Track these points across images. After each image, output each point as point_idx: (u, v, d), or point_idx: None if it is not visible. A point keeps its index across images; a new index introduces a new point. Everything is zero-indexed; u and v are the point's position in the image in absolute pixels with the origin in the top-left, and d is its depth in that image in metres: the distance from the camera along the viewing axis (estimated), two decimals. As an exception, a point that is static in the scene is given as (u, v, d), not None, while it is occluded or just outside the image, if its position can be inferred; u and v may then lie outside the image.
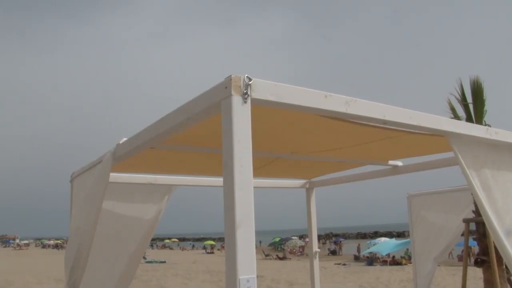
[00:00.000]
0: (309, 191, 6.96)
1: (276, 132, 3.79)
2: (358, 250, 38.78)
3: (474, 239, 7.45)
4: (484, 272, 6.96)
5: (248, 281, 1.84)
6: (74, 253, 5.08)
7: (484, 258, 6.83)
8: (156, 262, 34.85)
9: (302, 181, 6.86)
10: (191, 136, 3.50)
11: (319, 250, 7.27)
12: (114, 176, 5.43)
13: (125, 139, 3.71)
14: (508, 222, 4.34)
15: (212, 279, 21.51)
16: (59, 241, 74.88)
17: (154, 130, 2.93)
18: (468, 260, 8.25)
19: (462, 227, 8.01)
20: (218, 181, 6.15)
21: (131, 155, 3.71)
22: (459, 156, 3.77)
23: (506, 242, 4.28)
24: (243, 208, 1.89)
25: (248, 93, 2.08)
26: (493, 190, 4.17)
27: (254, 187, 2.00)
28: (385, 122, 2.79)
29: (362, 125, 2.93)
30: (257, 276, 2.19)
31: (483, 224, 6.95)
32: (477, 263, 7.08)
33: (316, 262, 7.17)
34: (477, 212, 7.29)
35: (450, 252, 27.03)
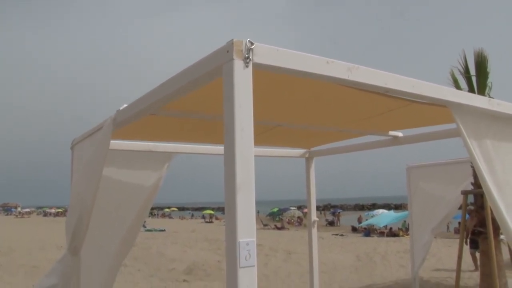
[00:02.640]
0: (308, 160, 6.97)
1: (276, 100, 3.77)
2: (360, 221, 39.15)
3: (471, 211, 7.52)
4: (481, 243, 7.05)
5: (247, 244, 1.85)
6: (75, 219, 5.12)
7: (482, 229, 6.91)
8: (155, 230, 35.25)
9: (302, 151, 6.87)
10: (192, 102, 3.48)
11: (317, 219, 7.33)
12: (115, 144, 5.43)
13: (125, 105, 3.69)
14: (508, 194, 4.37)
15: (211, 247, 21.81)
16: (60, 210, 75.48)
17: (155, 95, 2.91)
18: (466, 238, 8.36)
19: (460, 199, 8.07)
20: (219, 149, 6.16)
21: (131, 121, 3.69)
22: (461, 126, 3.75)
23: (505, 214, 4.31)
24: (244, 172, 1.88)
25: (250, 57, 2.05)
26: (494, 162, 4.17)
27: (254, 156, 1.99)
28: (387, 90, 2.76)
29: (363, 91, 2.90)
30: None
31: (481, 196, 7.02)
32: (474, 235, 7.16)
33: (314, 231, 7.24)
34: (475, 184, 7.34)
35: (447, 225, 27.32)
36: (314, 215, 7.25)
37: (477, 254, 12.24)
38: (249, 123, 2.00)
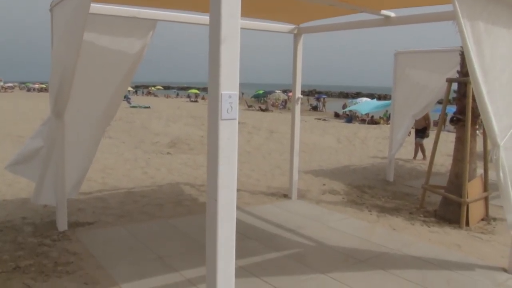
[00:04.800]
0: (297, 37, 6.82)
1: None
2: (344, 108, 39.63)
3: (453, 98, 7.60)
4: (458, 130, 7.22)
5: (230, 97, 1.84)
6: (57, 82, 5.06)
7: (460, 117, 7.04)
8: (140, 107, 35.43)
9: (290, 26, 6.68)
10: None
11: (301, 96, 7.39)
12: (96, 8, 5.20)
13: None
14: (492, 79, 4.39)
15: (195, 123, 22.18)
16: (44, 86, 74.25)
17: None
18: (443, 126, 8.54)
19: (444, 88, 8.13)
20: (204, 19, 5.95)
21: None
22: (457, 4, 3.64)
23: (486, 99, 4.37)
24: (229, 24, 1.81)
25: None
26: (484, 45, 4.12)
27: (242, 28, 1.90)
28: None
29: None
30: (239, 123, 2.19)
31: (465, 84, 7.06)
32: (453, 121, 7.31)
33: (298, 107, 7.34)
34: (461, 73, 7.33)
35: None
36: (298, 92, 7.28)
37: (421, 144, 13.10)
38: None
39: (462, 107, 7.07)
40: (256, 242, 5.63)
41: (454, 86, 7.46)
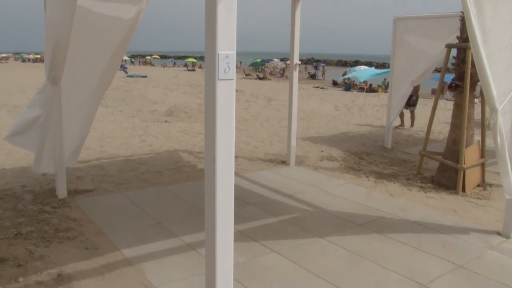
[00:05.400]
0: (294, 2, 6.72)
1: None
2: (344, 75, 39.33)
3: (452, 64, 7.54)
4: (456, 96, 7.20)
5: (227, 57, 1.82)
6: (52, 48, 5.00)
7: (459, 83, 7.00)
8: (137, 76, 35.11)
9: (288, -9, 6.59)
10: None
11: (299, 62, 7.33)
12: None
13: None
14: (492, 42, 4.35)
15: (193, 91, 22.05)
16: (39, 56, 73.26)
17: None
18: (442, 94, 8.53)
19: (443, 54, 8.07)
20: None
21: None
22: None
23: (486, 63, 4.34)
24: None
25: None
26: (484, 7, 4.07)
27: None
28: None
29: None
30: (237, 91, 2.16)
31: (464, 50, 7.00)
32: (451, 87, 7.29)
33: (296, 74, 7.30)
34: (461, 38, 7.26)
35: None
36: (296, 58, 7.22)
37: (406, 112, 12.83)
38: None
39: (461, 73, 7.03)
40: (254, 208, 5.69)
41: (453, 53, 7.40)
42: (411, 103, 12.46)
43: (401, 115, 12.70)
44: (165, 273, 3.91)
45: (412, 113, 12.97)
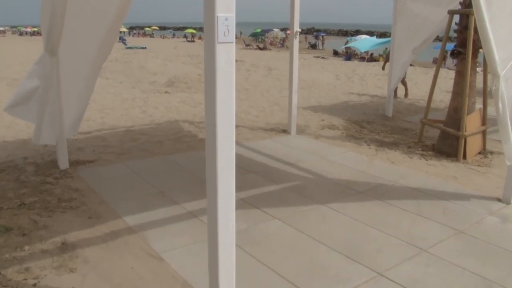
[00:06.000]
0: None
1: None
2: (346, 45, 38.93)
3: (455, 31, 7.43)
4: (458, 64, 7.14)
5: (226, 19, 1.79)
6: (48, 17, 4.93)
7: (461, 50, 6.92)
8: (136, 47, 34.80)
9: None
10: None
11: (299, 30, 7.24)
12: None
13: None
14: (495, 7, 4.28)
15: (192, 61, 21.87)
16: (36, 29, 72.30)
17: None
18: (443, 63, 8.45)
19: (445, 20, 7.95)
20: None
21: None
22: None
23: (488, 27, 4.28)
24: None
25: None
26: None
27: None
28: None
29: None
30: (237, 61, 2.13)
31: (467, 16, 6.90)
32: (453, 54, 7.21)
33: (296, 42, 7.21)
34: (463, 4, 7.14)
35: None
36: (297, 26, 7.13)
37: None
38: None
39: (463, 40, 6.95)
40: (256, 176, 5.71)
41: (456, 20, 7.29)
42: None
43: (404, 83, 12.60)
44: (168, 240, 3.95)
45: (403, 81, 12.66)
